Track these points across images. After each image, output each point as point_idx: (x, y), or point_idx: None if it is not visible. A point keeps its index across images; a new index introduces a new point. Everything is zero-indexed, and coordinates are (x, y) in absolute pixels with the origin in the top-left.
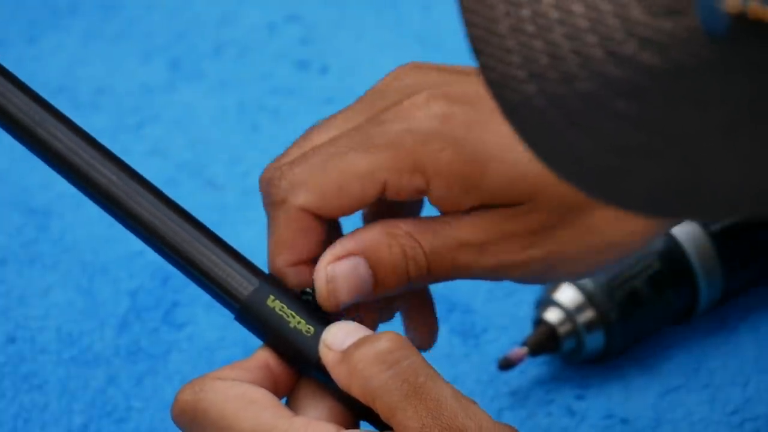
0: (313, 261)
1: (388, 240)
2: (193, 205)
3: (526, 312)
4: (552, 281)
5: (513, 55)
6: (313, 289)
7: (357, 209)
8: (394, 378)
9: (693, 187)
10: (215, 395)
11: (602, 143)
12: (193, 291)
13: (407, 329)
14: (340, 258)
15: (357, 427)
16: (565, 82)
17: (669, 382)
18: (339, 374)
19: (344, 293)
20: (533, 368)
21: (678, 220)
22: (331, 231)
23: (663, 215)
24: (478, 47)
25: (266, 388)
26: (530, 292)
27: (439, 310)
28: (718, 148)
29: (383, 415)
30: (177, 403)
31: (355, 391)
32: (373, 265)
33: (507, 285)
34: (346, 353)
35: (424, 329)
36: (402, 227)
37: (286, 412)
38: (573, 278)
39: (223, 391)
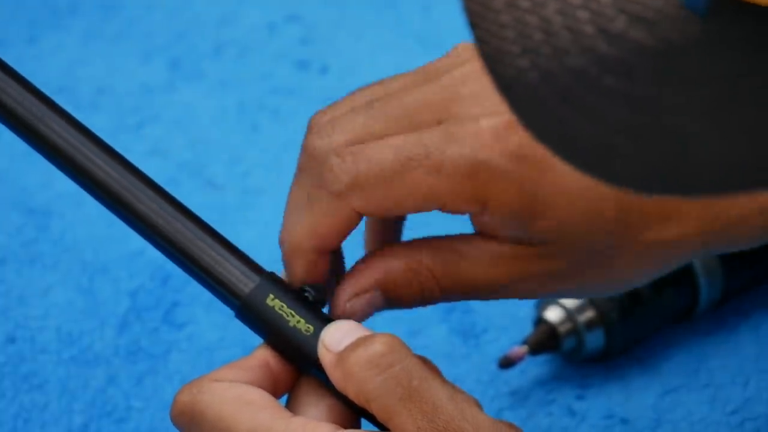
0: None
1: (408, 276)
2: (193, 205)
3: (526, 311)
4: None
5: (507, 29)
6: (313, 287)
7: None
8: (387, 382)
9: (683, 165)
10: (212, 397)
11: (593, 121)
12: (193, 291)
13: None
14: (358, 294)
15: (358, 424)
16: (556, 57)
17: (669, 382)
18: (335, 377)
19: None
20: (533, 368)
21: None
22: None
23: (653, 192)
24: (473, 21)
25: (266, 386)
26: None
27: (439, 310)
28: (708, 125)
29: (380, 418)
30: (175, 404)
31: (351, 394)
32: (390, 298)
33: None
34: (342, 356)
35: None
36: (423, 262)
37: (283, 413)
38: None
39: (220, 393)
